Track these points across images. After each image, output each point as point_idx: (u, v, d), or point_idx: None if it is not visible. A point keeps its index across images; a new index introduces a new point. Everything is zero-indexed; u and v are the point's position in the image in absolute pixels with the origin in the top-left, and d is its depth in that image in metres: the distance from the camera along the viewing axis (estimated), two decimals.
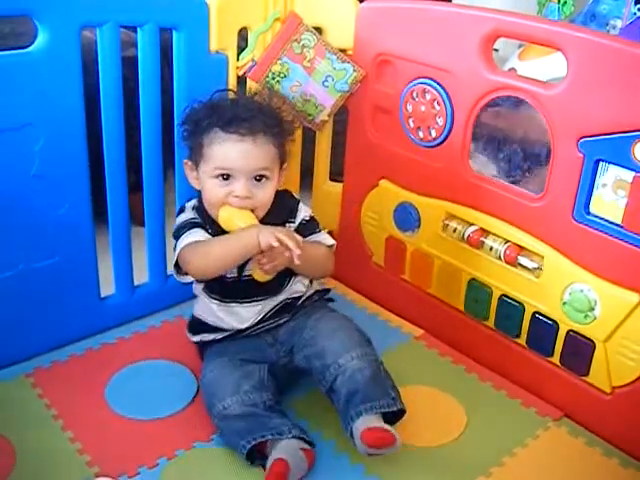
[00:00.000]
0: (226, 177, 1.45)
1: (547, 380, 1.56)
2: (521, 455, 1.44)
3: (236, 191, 1.44)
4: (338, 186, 1.95)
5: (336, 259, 1.57)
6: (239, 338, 1.55)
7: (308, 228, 1.58)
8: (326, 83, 1.74)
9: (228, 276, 1.51)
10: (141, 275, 1.79)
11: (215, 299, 1.54)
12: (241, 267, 1.50)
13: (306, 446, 1.36)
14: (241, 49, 1.71)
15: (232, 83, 1.71)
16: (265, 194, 1.48)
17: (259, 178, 1.46)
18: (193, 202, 1.57)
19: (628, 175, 1.33)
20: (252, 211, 1.47)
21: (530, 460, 1.43)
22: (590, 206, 1.40)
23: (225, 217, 1.46)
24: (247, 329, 1.54)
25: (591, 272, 1.42)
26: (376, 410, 1.37)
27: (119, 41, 1.52)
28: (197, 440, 1.44)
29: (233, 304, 1.53)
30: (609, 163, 1.35)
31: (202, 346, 1.58)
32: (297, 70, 1.71)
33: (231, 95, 1.59)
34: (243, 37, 1.71)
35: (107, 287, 1.75)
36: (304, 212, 1.59)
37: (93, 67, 1.52)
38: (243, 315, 1.53)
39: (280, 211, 1.55)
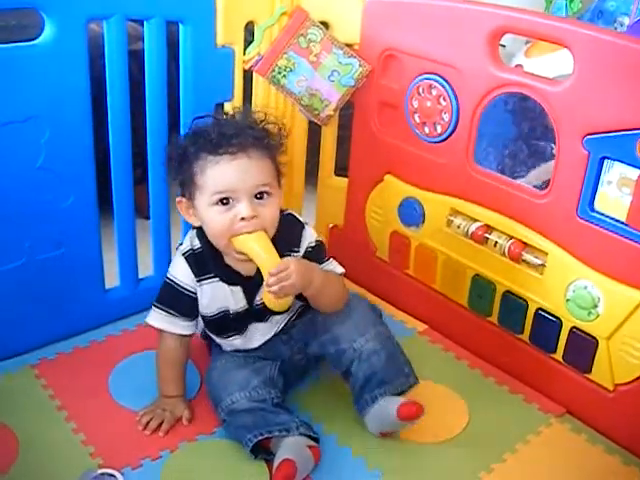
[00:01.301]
0: (226, 202, 1.35)
1: (550, 377, 1.56)
2: (523, 451, 1.44)
3: (241, 213, 1.35)
4: (343, 181, 1.95)
5: (341, 253, 1.57)
6: None
7: (314, 256, 1.48)
8: (332, 78, 1.74)
9: (231, 312, 1.47)
10: (146, 268, 1.80)
11: (229, 337, 1.52)
12: (251, 298, 1.46)
13: (312, 443, 1.37)
14: (248, 43, 1.71)
15: (238, 77, 1.71)
16: (271, 212, 1.39)
17: (260, 196, 1.37)
18: (192, 233, 1.48)
19: (633, 173, 1.33)
20: (261, 228, 1.38)
21: (532, 456, 1.43)
22: (595, 203, 1.40)
23: (241, 246, 1.36)
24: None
25: (595, 269, 1.42)
26: (391, 393, 1.43)
27: (126, 34, 1.52)
28: (200, 433, 1.45)
29: (247, 332, 1.51)
30: (614, 160, 1.35)
31: (211, 339, 1.58)
32: (303, 64, 1.71)
33: (210, 119, 1.46)
34: (250, 31, 1.71)
35: (112, 279, 1.76)
36: (309, 238, 1.50)
37: (99, 60, 1.52)
38: (257, 337, 1.52)
39: (283, 238, 1.44)
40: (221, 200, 1.36)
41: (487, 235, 1.60)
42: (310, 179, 2.02)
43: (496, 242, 1.58)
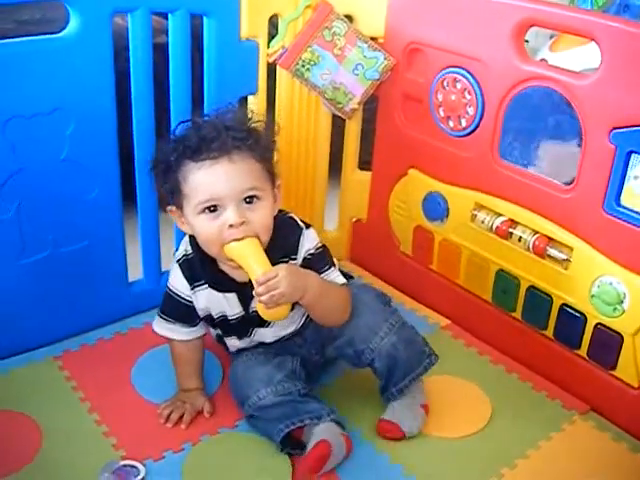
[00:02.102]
0: (213, 209, 1.30)
1: (574, 373, 1.55)
2: (546, 448, 1.43)
3: (229, 220, 1.28)
4: (367, 175, 1.95)
5: (364, 247, 1.57)
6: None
7: (313, 264, 1.41)
8: (356, 71, 1.73)
9: (230, 317, 1.45)
10: (169, 261, 1.80)
11: (232, 339, 1.51)
12: (246, 304, 1.43)
13: (344, 431, 1.37)
14: (271, 37, 1.70)
15: (262, 70, 1.71)
16: (262, 216, 1.32)
17: (249, 200, 1.30)
18: (186, 237, 1.45)
19: None
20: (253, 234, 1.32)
21: (555, 453, 1.42)
22: (621, 198, 1.39)
23: (231, 254, 1.31)
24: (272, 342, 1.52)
25: (620, 264, 1.41)
26: (415, 380, 1.45)
27: (150, 28, 1.52)
28: (222, 426, 1.45)
29: (252, 336, 1.50)
30: None
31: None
32: (327, 58, 1.71)
33: (194, 123, 1.38)
34: (274, 24, 1.70)
35: (135, 272, 1.77)
36: (309, 243, 1.42)
37: (124, 54, 1.53)
38: (268, 337, 1.50)
39: (279, 244, 1.38)
40: (208, 208, 1.30)
41: (511, 230, 1.58)
42: (334, 173, 2.02)
43: (520, 237, 1.57)
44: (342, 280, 1.44)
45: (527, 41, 1.77)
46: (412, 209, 1.81)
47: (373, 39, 1.73)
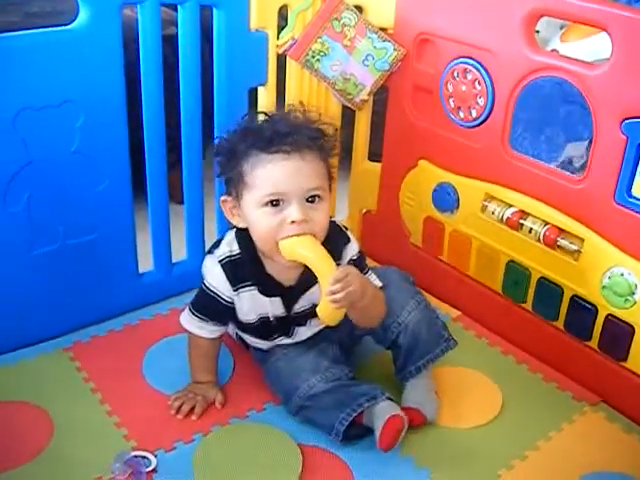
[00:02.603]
0: (276, 203, 1.29)
1: (585, 364, 1.55)
2: (556, 439, 1.43)
3: (291, 216, 1.28)
4: (377, 166, 1.94)
5: (374, 239, 1.57)
6: None
7: (357, 268, 1.40)
8: (366, 62, 1.73)
9: (271, 318, 1.45)
10: (179, 252, 1.80)
11: (275, 339, 1.50)
12: (290, 307, 1.44)
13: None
14: (281, 28, 1.70)
15: (272, 61, 1.71)
16: (322, 216, 1.33)
17: (312, 199, 1.31)
18: (230, 237, 1.43)
19: None
20: (312, 233, 1.32)
21: (565, 444, 1.42)
22: (632, 189, 1.38)
23: (290, 250, 1.30)
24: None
25: (632, 255, 1.40)
26: (433, 361, 1.47)
27: (160, 19, 1.52)
28: (233, 416, 1.45)
29: (294, 334, 1.50)
30: None
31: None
32: (337, 49, 1.70)
33: (262, 116, 1.41)
34: (283, 16, 1.70)
35: (145, 263, 1.77)
36: (352, 249, 1.44)
37: (133, 45, 1.53)
38: (305, 333, 1.50)
39: (328, 248, 1.34)
40: (271, 201, 1.30)
41: (522, 221, 1.58)
42: (344, 164, 2.01)
43: (531, 228, 1.56)
44: (379, 283, 1.45)
45: (538, 31, 1.76)
46: (422, 200, 1.81)
47: (383, 30, 1.73)
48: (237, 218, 1.38)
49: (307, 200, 1.30)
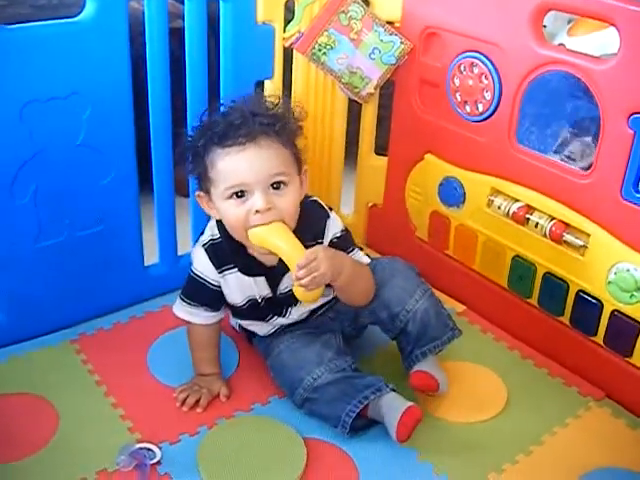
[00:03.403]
0: (240, 194, 1.31)
1: (590, 360, 1.55)
2: (562, 434, 1.43)
3: (255, 205, 1.30)
4: (383, 160, 1.94)
5: (380, 233, 1.57)
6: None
7: (339, 247, 1.42)
8: (373, 55, 1.73)
9: (259, 299, 1.45)
10: (185, 245, 1.80)
11: (270, 319, 1.50)
12: (274, 287, 1.44)
13: None
14: (288, 21, 1.70)
15: (279, 55, 1.71)
16: (288, 202, 1.33)
17: (277, 185, 1.32)
18: (212, 222, 1.45)
19: None
20: (280, 218, 1.33)
21: (570, 439, 1.42)
22: (639, 184, 1.38)
23: (259, 239, 1.33)
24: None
25: (638, 251, 1.40)
26: (440, 347, 1.48)
27: (166, 12, 1.52)
28: (238, 409, 1.45)
29: (276, 318, 1.50)
30: None
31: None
32: (344, 42, 1.70)
33: (221, 109, 1.41)
34: (289, 9, 1.70)
35: (151, 256, 1.77)
36: (334, 227, 1.44)
37: (140, 38, 1.53)
38: (302, 311, 1.51)
39: (306, 228, 1.38)
40: (235, 193, 1.31)
41: (528, 216, 1.58)
42: (350, 158, 2.01)
43: (537, 223, 1.56)
44: (367, 260, 1.47)
45: (545, 26, 1.76)
46: (428, 194, 1.80)
47: (390, 23, 1.72)
48: (213, 211, 1.41)
49: (272, 187, 1.31)
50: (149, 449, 1.33)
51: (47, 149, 1.47)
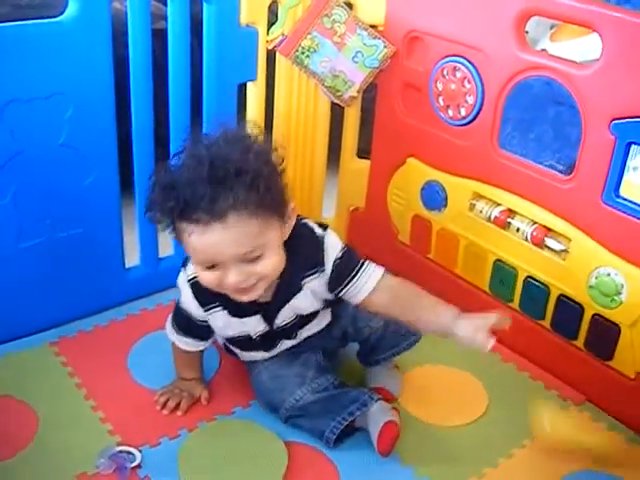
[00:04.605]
0: (212, 266, 1.20)
1: (570, 363, 1.55)
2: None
3: (228, 280, 1.20)
4: (365, 163, 1.94)
5: (361, 236, 1.56)
6: None
7: (348, 268, 1.32)
8: (356, 59, 1.73)
9: (253, 335, 1.38)
10: (166, 247, 1.80)
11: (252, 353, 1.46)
12: (271, 321, 1.36)
13: (392, 406, 1.40)
14: (271, 23, 1.70)
15: (262, 57, 1.70)
16: (266, 266, 1.22)
17: (250, 258, 1.19)
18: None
19: None
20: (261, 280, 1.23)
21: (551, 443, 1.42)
22: (620, 189, 1.38)
23: None
24: None
25: (619, 256, 1.40)
26: (398, 354, 1.50)
27: (149, 13, 1.51)
28: (219, 413, 1.45)
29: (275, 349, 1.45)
30: None
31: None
32: (327, 45, 1.70)
33: (186, 158, 1.21)
34: (273, 12, 1.70)
35: (132, 258, 1.76)
36: (334, 250, 1.32)
37: (123, 39, 1.52)
38: (287, 345, 1.45)
39: (301, 261, 1.30)
40: (207, 266, 1.21)
41: (510, 220, 1.58)
42: (332, 161, 2.01)
43: (519, 227, 1.57)
44: (380, 271, 1.35)
45: (527, 32, 1.77)
46: (410, 198, 1.80)
47: (373, 27, 1.73)
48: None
49: (246, 259, 1.19)
50: (129, 452, 1.33)
51: (28, 149, 1.46)
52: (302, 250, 1.30)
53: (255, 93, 1.73)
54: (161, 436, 1.38)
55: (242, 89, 1.73)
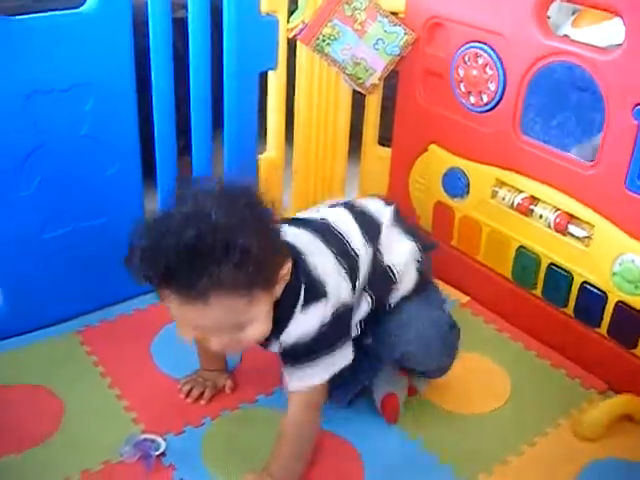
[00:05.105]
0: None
1: (593, 351, 1.54)
2: (565, 426, 1.43)
3: (210, 344, 1.17)
4: (387, 151, 1.94)
5: None
6: None
7: (295, 355, 1.23)
8: (377, 46, 1.72)
9: None
10: None
11: None
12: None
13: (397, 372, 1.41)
14: (291, 11, 1.69)
15: (282, 46, 1.70)
16: (252, 335, 1.16)
17: (236, 329, 1.14)
18: None
19: None
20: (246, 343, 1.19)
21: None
22: None
23: None
24: None
25: None
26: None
27: (170, 2, 1.52)
28: (243, 401, 1.46)
29: None
30: None
31: None
32: (348, 33, 1.69)
33: (171, 218, 1.09)
34: (293, 0, 1.69)
35: None
36: (300, 328, 1.21)
37: (143, 29, 1.52)
38: None
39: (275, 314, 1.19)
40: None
41: (532, 207, 1.57)
42: (354, 149, 2.01)
43: (541, 214, 1.56)
44: (312, 382, 1.23)
45: (549, 17, 1.76)
46: (432, 185, 1.80)
47: (394, 14, 1.72)
48: None
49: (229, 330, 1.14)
50: (153, 440, 1.33)
51: (51, 140, 1.47)
52: (279, 310, 1.19)
53: (276, 82, 1.73)
54: (185, 424, 1.39)
55: (263, 78, 1.73)
